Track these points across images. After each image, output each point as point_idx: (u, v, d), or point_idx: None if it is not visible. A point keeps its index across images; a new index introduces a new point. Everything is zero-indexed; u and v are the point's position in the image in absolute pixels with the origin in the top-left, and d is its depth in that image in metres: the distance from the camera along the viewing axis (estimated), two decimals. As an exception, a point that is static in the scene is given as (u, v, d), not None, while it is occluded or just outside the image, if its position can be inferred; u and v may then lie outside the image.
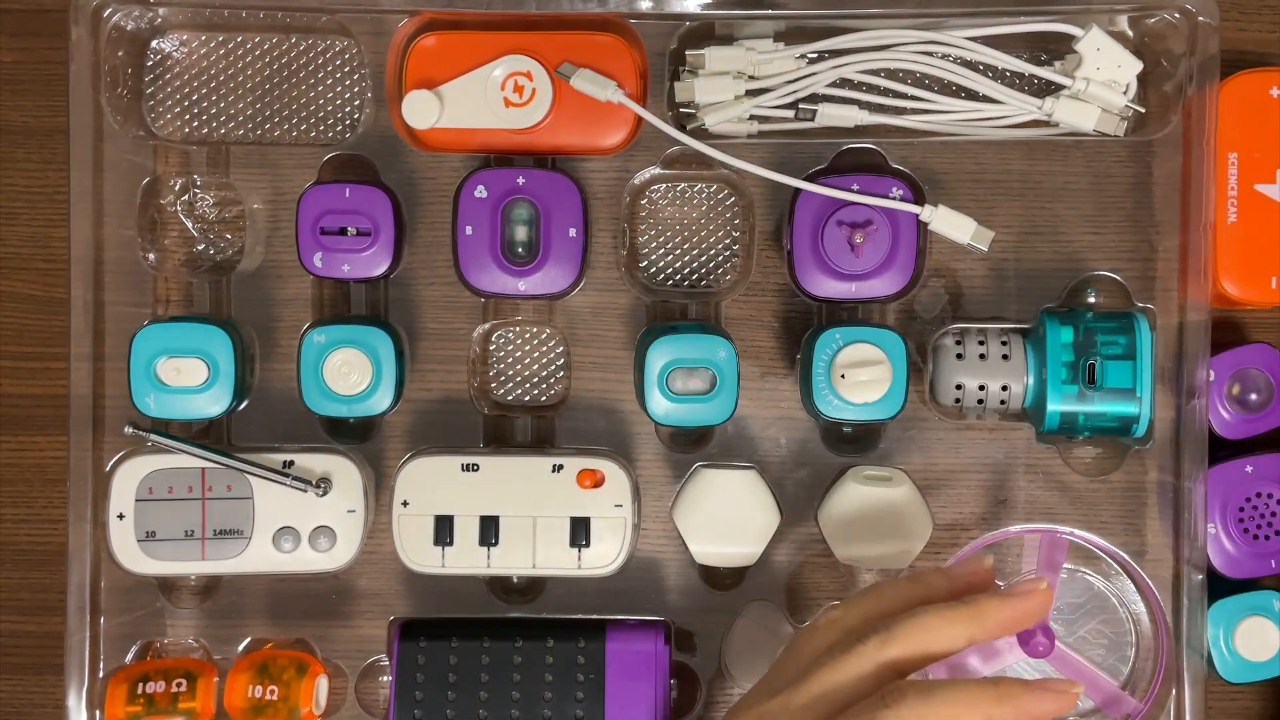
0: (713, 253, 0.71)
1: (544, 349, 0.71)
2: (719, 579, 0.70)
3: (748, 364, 0.69)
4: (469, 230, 0.67)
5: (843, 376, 0.65)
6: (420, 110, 0.67)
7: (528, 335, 0.71)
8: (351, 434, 0.70)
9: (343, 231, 0.67)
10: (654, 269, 0.71)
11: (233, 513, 0.67)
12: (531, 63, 0.67)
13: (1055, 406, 0.66)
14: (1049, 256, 0.69)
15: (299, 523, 0.67)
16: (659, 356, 0.67)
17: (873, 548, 0.67)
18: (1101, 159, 0.69)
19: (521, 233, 0.68)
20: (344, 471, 0.68)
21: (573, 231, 0.67)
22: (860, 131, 0.68)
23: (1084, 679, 0.69)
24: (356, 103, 0.71)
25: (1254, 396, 0.70)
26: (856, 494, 0.67)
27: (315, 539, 0.67)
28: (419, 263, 0.70)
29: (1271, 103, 0.68)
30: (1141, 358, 0.66)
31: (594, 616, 0.70)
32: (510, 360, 0.71)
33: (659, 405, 0.67)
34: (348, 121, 0.71)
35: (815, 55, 0.68)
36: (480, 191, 0.67)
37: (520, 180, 0.67)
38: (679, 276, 0.71)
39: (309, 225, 0.67)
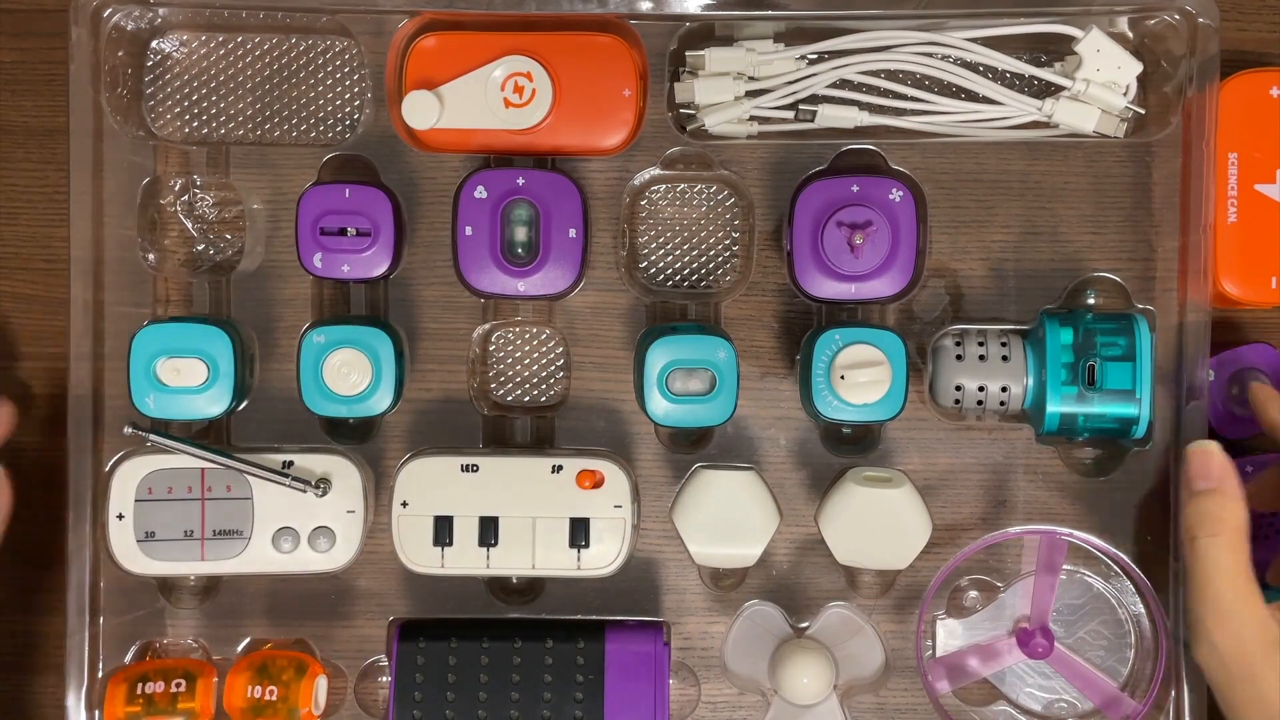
0: (713, 253, 0.71)
1: (544, 349, 0.71)
2: (718, 579, 0.70)
3: (747, 365, 0.69)
4: (469, 231, 0.67)
5: (842, 377, 0.65)
6: (420, 111, 0.66)
7: (527, 336, 0.71)
8: (351, 434, 0.70)
9: (342, 232, 0.67)
10: (654, 269, 0.71)
11: (232, 513, 0.67)
12: (531, 63, 0.67)
13: (1055, 408, 0.66)
14: (1049, 257, 0.69)
15: (298, 523, 0.67)
16: (659, 357, 0.67)
17: (872, 548, 0.67)
18: (1101, 160, 0.69)
19: (521, 233, 0.68)
20: (343, 472, 0.68)
21: (572, 232, 0.67)
22: (860, 132, 0.68)
23: (1083, 680, 0.69)
24: (356, 103, 0.71)
25: (1254, 397, 0.70)
26: (856, 495, 0.66)
27: (315, 539, 0.67)
28: (419, 263, 0.70)
29: (1271, 103, 0.68)
30: (1141, 359, 0.66)
31: (593, 617, 0.70)
32: (510, 361, 0.71)
33: (658, 406, 0.67)
34: (348, 122, 0.71)
35: (815, 56, 0.68)
36: (480, 192, 0.67)
37: (520, 181, 0.67)
38: (679, 277, 0.71)
39: (309, 225, 0.67)
